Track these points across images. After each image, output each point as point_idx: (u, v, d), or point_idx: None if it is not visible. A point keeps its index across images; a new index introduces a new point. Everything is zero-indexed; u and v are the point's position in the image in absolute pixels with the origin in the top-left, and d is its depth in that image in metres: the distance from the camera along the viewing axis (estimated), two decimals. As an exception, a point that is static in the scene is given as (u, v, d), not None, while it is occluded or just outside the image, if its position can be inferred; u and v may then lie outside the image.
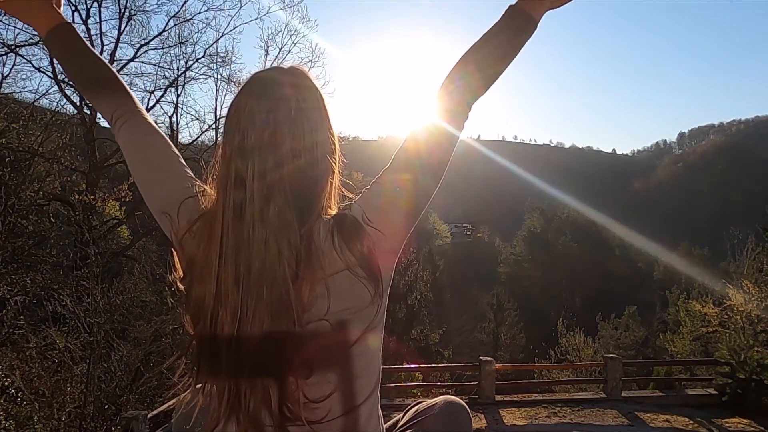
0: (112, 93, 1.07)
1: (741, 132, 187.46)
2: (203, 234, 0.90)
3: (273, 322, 0.83)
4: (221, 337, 0.84)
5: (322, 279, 0.85)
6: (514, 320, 34.32)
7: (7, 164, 13.16)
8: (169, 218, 0.95)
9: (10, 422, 6.68)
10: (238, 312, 0.84)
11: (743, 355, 6.80)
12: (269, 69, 0.97)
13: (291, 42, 17.98)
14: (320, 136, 0.91)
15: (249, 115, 0.88)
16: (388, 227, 0.91)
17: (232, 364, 0.84)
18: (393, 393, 7.36)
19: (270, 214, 0.85)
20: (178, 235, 0.93)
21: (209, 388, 0.88)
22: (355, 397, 0.91)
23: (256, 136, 0.87)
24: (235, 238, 0.85)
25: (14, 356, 8.37)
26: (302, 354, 0.84)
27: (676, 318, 21.53)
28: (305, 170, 0.89)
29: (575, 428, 6.13)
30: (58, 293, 9.46)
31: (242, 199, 0.86)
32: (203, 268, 0.87)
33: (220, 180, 0.90)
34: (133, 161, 1.03)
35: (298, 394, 0.85)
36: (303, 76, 0.94)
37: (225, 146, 0.90)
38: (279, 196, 0.86)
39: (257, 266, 0.84)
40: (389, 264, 0.93)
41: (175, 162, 1.02)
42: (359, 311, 0.88)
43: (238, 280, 0.84)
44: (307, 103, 0.91)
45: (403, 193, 0.94)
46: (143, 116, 1.07)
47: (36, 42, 15.32)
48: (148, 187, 1.01)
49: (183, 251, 0.93)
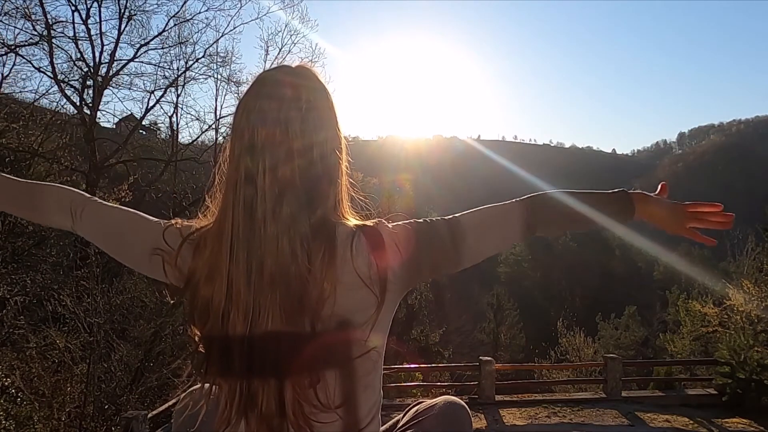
0: (58, 204, 1.06)
1: (741, 132, 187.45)
2: (210, 236, 0.90)
3: (287, 320, 0.83)
4: (233, 337, 0.84)
5: (335, 281, 0.85)
6: (514, 320, 34.33)
7: (7, 164, 13.16)
8: (158, 251, 0.93)
9: (10, 422, 6.68)
10: (251, 311, 0.83)
11: (743, 355, 6.80)
12: (277, 68, 0.97)
13: (291, 42, 18.00)
14: (329, 134, 0.92)
15: (258, 114, 0.88)
16: (409, 256, 0.91)
17: (244, 363, 0.84)
18: (393, 393, 7.36)
19: (281, 212, 0.84)
20: (173, 258, 0.91)
21: (219, 388, 0.87)
22: (359, 399, 0.91)
23: (267, 134, 0.87)
24: (246, 236, 0.85)
25: (14, 356, 8.38)
26: (314, 354, 0.84)
27: (676, 318, 21.53)
28: (315, 167, 0.89)
29: (575, 428, 6.13)
30: (58, 293, 9.46)
31: (252, 196, 0.85)
32: (212, 268, 0.87)
33: (229, 178, 0.90)
34: (103, 235, 1.02)
35: (311, 393, 0.85)
36: (311, 75, 0.94)
37: (234, 145, 0.90)
38: (290, 193, 0.85)
39: (270, 264, 0.83)
40: (401, 283, 0.92)
41: (141, 217, 1.01)
42: (365, 314, 0.88)
43: (250, 278, 0.84)
44: (315, 101, 0.91)
45: (438, 248, 0.94)
46: (97, 201, 1.05)
47: (36, 42, 15.35)
48: (128, 248, 0.99)
49: (180, 273, 0.91)
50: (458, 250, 0.95)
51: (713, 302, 16.28)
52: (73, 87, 16.73)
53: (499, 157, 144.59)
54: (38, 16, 15.11)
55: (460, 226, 0.96)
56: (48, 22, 15.32)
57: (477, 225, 0.98)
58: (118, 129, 21.55)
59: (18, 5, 14.51)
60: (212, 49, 17.95)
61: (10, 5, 14.35)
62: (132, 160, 17.94)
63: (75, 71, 16.77)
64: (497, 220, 1.00)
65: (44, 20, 15.23)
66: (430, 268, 0.96)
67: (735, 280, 15.45)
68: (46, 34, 15.29)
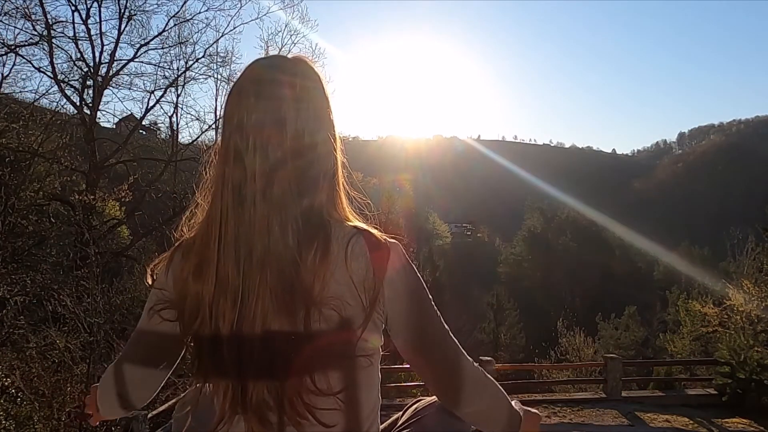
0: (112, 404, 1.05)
1: (741, 132, 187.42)
2: (199, 230, 0.89)
3: (278, 305, 0.80)
4: (222, 330, 0.82)
5: (328, 276, 0.82)
6: (514, 320, 34.35)
7: (7, 164, 13.14)
8: (151, 311, 0.94)
9: (10, 422, 6.68)
10: (239, 295, 0.81)
11: (743, 355, 6.81)
12: (271, 56, 0.97)
13: (291, 42, 18.00)
14: (322, 121, 0.91)
15: (249, 97, 0.87)
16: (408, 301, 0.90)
17: (234, 357, 0.82)
18: (393, 393, 7.37)
19: (272, 192, 0.83)
20: (164, 272, 0.92)
21: (214, 386, 0.86)
22: (359, 399, 0.89)
23: (257, 117, 0.85)
24: (234, 219, 0.83)
25: (14, 356, 8.37)
26: (307, 348, 0.82)
27: (676, 318, 21.55)
28: (306, 151, 0.87)
29: (575, 428, 6.13)
30: (58, 293, 9.45)
31: (241, 177, 0.84)
32: (200, 260, 0.85)
33: (219, 159, 0.88)
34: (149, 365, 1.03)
35: (304, 389, 0.83)
36: (304, 63, 0.93)
37: (224, 128, 0.89)
38: (281, 175, 0.84)
39: (260, 247, 0.81)
40: (388, 305, 0.90)
41: (142, 323, 1.00)
42: (354, 312, 0.85)
43: (239, 262, 0.81)
44: (308, 88, 0.91)
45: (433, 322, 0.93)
46: (114, 364, 1.05)
47: (36, 42, 15.35)
48: (165, 344, 0.99)
49: (175, 296, 0.90)
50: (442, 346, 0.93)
51: (713, 302, 16.29)
52: (73, 87, 16.75)
53: (499, 157, 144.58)
54: (38, 16, 15.13)
55: None
56: (48, 22, 15.33)
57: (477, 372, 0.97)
58: (118, 129, 21.55)
59: (18, 5, 14.53)
60: (212, 49, 17.98)
61: (10, 5, 14.37)
62: (132, 160, 17.93)
63: (75, 71, 16.80)
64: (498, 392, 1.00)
65: (44, 20, 15.24)
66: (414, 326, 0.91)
67: (735, 280, 15.47)
68: (46, 34, 15.29)
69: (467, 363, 0.94)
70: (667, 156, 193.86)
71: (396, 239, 0.91)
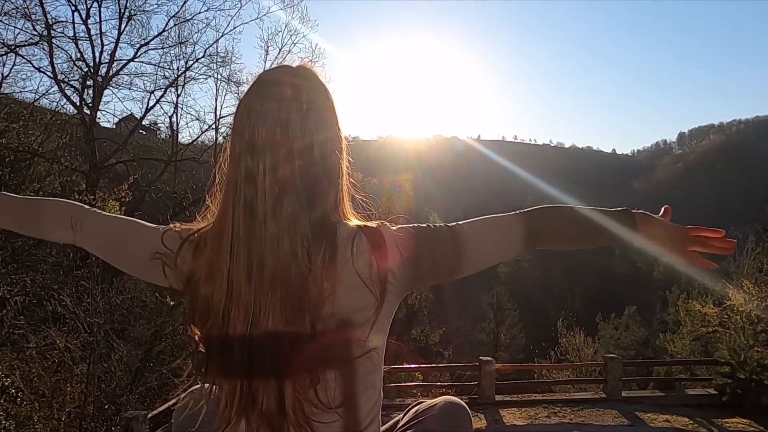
0: (58, 218, 1.06)
1: (741, 132, 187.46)
2: (210, 236, 0.90)
3: (287, 319, 0.83)
4: (233, 336, 0.84)
5: (335, 281, 0.85)
6: (514, 320, 34.33)
7: (7, 164, 13.15)
8: (157, 255, 0.93)
9: (10, 422, 6.68)
10: (251, 310, 0.83)
11: (743, 355, 6.80)
12: (277, 68, 0.98)
13: (291, 42, 18.00)
14: (329, 134, 0.92)
15: (258, 114, 0.89)
16: (409, 256, 0.91)
17: (245, 362, 0.84)
18: (393, 393, 7.36)
19: (282, 211, 0.85)
20: (173, 260, 0.92)
21: (219, 387, 0.88)
22: (359, 399, 0.91)
23: (267, 133, 0.87)
24: (246, 236, 0.85)
25: (14, 356, 8.38)
26: (314, 354, 0.84)
27: (676, 318, 21.52)
28: (315, 167, 0.89)
29: (575, 428, 6.13)
30: (58, 293, 9.45)
31: (253, 196, 0.86)
32: (212, 268, 0.87)
33: (229, 178, 0.90)
34: (103, 244, 1.03)
35: (311, 393, 0.85)
36: (311, 75, 0.95)
37: (234, 145, 0.90)
38: (290, 193, 0.86)
39: (270, 263, 0.84)
40: (401, 285, 0.92)
41: (140, 224, 1.02)
42: (365, 314, 0.88)
43: (251, 277, 0.84)
44: (316, 101, 0.92)
45: (439, 251, 0.93)
46: (96, 212, 1.06)
47: (36, 42, 15.35)
48: (128, 255, 1.00)
49: (180, 275, 0.92)
50: (459, 255, 0.95)
51: (713, 302, 16.27)
52: (73, 87, 16.78)
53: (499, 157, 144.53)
54: (38, 16, 15.16)
55: (462, 231, 0.96)
56: (48, 22, 15.35)
57: (478, 231, 0.97)
58: (118, 129, 21.56)
59: (18, 5, 14.55)
60: (212, 49, 18.01)
61: (10, 5, 14.39)
62: (132, 160, 17.94)
63: (75, 71, 16.84)
64: (499, 229, 0.99)
65: (44, 20, 15.27)
66: (430, 271, 0.95)
67: (735, 280, 15.43)
68: (46, 34, 15.31)
69: (496, 217, 1.01)
70: (667, 156, 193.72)
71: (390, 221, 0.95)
